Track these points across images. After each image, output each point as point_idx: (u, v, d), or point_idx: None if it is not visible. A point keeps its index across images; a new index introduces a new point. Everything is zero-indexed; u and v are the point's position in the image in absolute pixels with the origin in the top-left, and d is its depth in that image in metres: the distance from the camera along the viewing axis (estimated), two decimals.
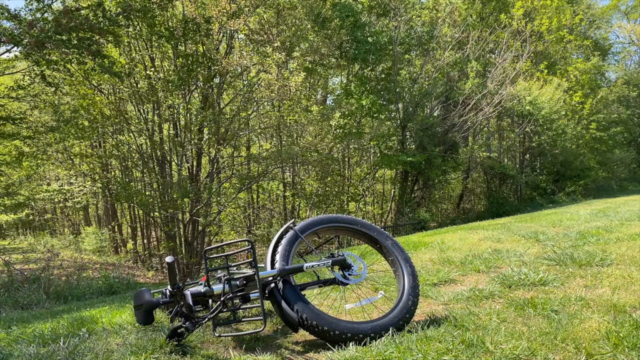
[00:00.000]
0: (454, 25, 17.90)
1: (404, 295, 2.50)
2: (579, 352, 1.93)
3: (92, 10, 9.17)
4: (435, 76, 17.25)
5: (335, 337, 2.21)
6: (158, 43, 11.85)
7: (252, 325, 2.68)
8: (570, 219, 6.87)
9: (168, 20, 11.50)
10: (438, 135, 17.75)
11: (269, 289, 2.36)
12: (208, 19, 11.06)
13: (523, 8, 20.23)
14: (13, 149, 11.83)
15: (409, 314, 2.41)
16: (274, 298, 2.34)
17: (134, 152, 13.73)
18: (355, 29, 15.07)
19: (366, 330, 2.25)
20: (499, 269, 3.65)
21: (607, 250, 4.00)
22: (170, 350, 2.23)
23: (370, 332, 2.24)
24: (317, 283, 2.66)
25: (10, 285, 6.27)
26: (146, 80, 12.17)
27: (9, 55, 10.14)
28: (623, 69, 31.05)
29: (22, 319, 3.69)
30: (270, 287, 2.36)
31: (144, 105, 13.17)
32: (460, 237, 5.53)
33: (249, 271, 2.37)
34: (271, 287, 2.35)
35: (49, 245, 17.29)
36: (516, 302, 2.69)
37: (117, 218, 20.03)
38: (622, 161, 24.02)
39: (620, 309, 2.42)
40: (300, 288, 2.46)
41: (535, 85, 19.01)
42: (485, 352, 1.99)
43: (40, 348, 2.42)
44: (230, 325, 2.62)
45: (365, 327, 2.27)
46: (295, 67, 13.99)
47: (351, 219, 2.85)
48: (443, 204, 22.33)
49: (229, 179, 13.85)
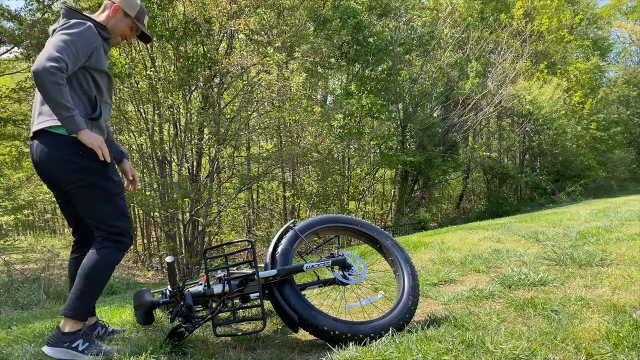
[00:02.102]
0: (454, 25, 17.90)
1: (404, 295, 2.50)
2: (579, 352, 1.93)
3: (92, 11, 9.17)
4: (435, 76, 17.26)
5: (335, 337, 2.21)
6: (158, 43, 11.85)
7: (252, 325, 2.68)
8: (570, 219, 6.87)
9: (168, 20, 11.51)
10: (438, 135, 17.77)
11: (268, 289, 2.36)
12: (208, 19, 11.06)
13: (523, 8, 20.24)
14: (14, 149, 11.83)
15: (409, 314, 2.41)
16: (273, 298, 2.34)
17: (134, 152, 13.74)
18: (357, 31, 15.08)
19: (366, 330, 2.25)
20: (499, 269, 3.65)
21: (607, 250, 4.00)
22: (170, 350, 2.24)
23: (370, 332, 2.24)
24: (317, 283, 2.66)
25: (10, 285, 6.27)
26: (146, 80, 12.17)
27: (9, 55, 10.14)
28: (623, 68, 31.05)
29: (22, 319, 3.69)
30: (270, 287, 2.36)
31: (144, 105, 13.18)
32: (460, 237, 5.54)
33: (249, 271, 2.37)
34: (271, 287, 2.36)
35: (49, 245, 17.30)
36: (516, 302, 2.69)
37: None
38: (622, 161, 23.98)
39: (620, 309, 2.42)
40: (300, 288, 2.46)
41: (535, 84, 19.01)
42: (485, 352, 2.00)
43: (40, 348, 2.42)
44: (230, 325, 2.62)
45: (365, 327, 2.27)
46: (296, 67, 14.00)
47: (351, 219, 2.85)
48: (443, 204, 22.35)
49: (229, 179, 13.86)
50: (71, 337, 2.15)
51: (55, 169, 2.21)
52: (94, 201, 2.24)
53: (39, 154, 2.22)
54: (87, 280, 2.19)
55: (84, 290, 2.19)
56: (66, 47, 2.14)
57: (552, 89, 19.00)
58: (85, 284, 2.19)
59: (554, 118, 19.17)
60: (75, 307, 2.18)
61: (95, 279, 2.20)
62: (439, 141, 17.59)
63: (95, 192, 2.22)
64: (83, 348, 2.14)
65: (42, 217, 22.69)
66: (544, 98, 18.65)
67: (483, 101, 17.25)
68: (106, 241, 2.24)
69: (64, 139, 2.19)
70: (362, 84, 16.66)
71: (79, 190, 2.22)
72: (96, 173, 2.22)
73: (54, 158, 2.20)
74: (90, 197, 2.23)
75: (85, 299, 2.21)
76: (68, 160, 2.18)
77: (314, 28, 13.58)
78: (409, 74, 17.62)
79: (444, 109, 18.40)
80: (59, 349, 2.12)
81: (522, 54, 19.13)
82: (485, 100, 17.27)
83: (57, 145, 2.20)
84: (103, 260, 2.22)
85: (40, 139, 2.23)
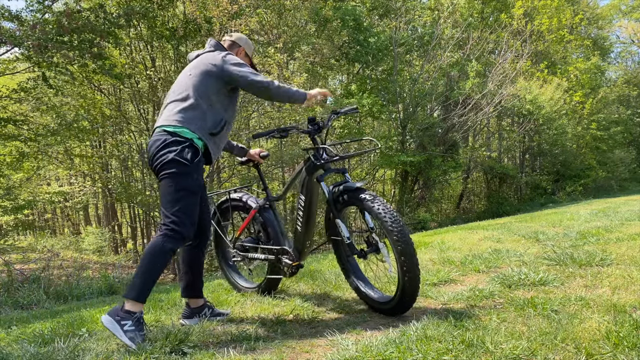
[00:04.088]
0: (454, 25, 17.90)
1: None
2: (579, 352, 1.93)
3: (93, 12, 9.15)
4: (435, 76, 17.25)
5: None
6: (159, 43, 11.85)
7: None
8: (570, 219, 6.87)
9: (169, 20, 11.51)
10: (438, 135, 17.76)
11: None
12: (209, 19, 11.06)
13: (523, 8, 20.24)
14: (14, 149, 11.81)
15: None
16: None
17: (134, 152, 13.74)
18: (357, 32, 15.08)
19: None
20: (499, 269, 3.65)
21: (607, 250, 4.00)
22: (170, 350, 2.24)
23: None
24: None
25: (10, 285, 6.27)
26: (147, 80, 12.17)
27: (9, 55, 10.13)
28: (623, 68, 31.05)
29: (22, 319, 3.69)
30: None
31: (145, 105, 13.18)
32: (460, 237, 5.54)
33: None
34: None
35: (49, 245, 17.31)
36: (516, 302, 2.69)
37: (117, 218, 20.05)
38: (622, 161, 23.98)
39: (620, 309, 2.42)
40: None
41: (536, 84, 19.01)
42: (485, 352, 2.00)
43: (40, 348, 2.42)
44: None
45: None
46: (297, 67, 14.00)
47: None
48: (443, 204, 22.33)
49: (229, 179, 13.86)
50: (124, 315, 2.34)
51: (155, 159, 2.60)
52: (171, 193, 2.53)
53: (150, 146, 2.63)
54: (144, 264, 2.44)
55: (139, 272, 2.43)
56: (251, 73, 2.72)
57: (552, 89, 19.00)
58: (141, 266, 2.44)
59: (554, 118, 19.17)
60: (130, 286, 2.42)
61: (149, 263, 2.43)
62: (439, 141, 17.58)
63: (174, 186, 2.52)
64: (128, 329, 2.30)
65: (42, 217, 22.69)
66: (544, 98, 18.65)
67: (483, 101, 17.24)
68: (165, 229, 2.49)
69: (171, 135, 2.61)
70: (362, 83, 16.65)
71: (162, 180, 2.56)
72: (185, 170, 2.54)
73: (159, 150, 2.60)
74: (169, 188, 2.53)
75: (140, 280, 2.41)
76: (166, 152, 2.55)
77: (314, 28, 13.58)
78: (409, 74, 17.62)
79: (444, 109, 18.39)
80: (111, 319, 2.32)
81: (522, 53, 19.13)
82: (485, 100, 17.25)
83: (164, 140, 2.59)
84: (157, 247, 2.45)
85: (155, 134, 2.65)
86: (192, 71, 2.73)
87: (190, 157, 2.54)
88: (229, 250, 3.52)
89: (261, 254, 3.25)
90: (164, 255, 2.45)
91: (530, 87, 18.66)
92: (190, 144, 2.57)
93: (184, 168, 2.53)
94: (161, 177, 2.56)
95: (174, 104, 2.67)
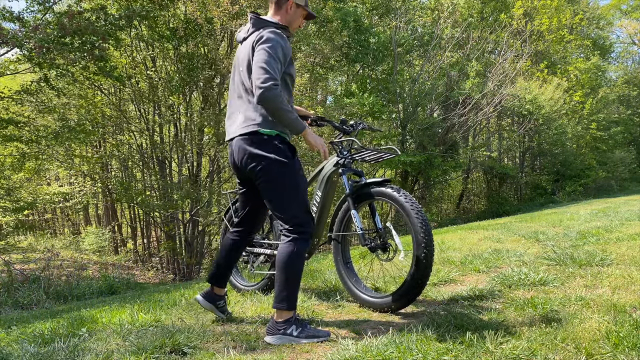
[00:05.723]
0: (454, 25, 17.90)
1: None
2: (579, 352, 1.93)
3: (94, 13, 9.13)
4: (435, 76, 17.24)
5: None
6: (159, 43, 11.85)
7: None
8: (570, 219, 6.87)
9: (169, 20, 11.50)
10: (438, 135, 17.75)
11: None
12: (210, 19, 11.06)
13: (523, 8, 20.23)
14: (15, 150, 11.80)
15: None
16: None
17: (134, 152, 13.74)
18: (358, 33, 15.06)
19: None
20: (499, 269, 3.65)
21: (607, 250, 4.00)
22: (170, 350, 2.24)
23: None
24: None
25: (10, 285, 6.26)
26: (147, 80, 12.17)
27: (10, 56, 10.11)
28: (623, 68, 31.03)
29: (22, 319, 3.70)
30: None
31: (145, 105, 13.18)
32: (460, 237, 5.54)
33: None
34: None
35: (49, 245, 17.30)
36: (516, 302, 2.69)
37: (117, 218, 20.02)
38: (622, 161, 23.96)
39: (620, 309, 2.42)
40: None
41: (536, 84, 19.00)
42: (485, 352, 2.00)
43: (40, 348, 2.42)
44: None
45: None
46: (298, 68, 13.99)
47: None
48: (443, 203, 22.33)
49: (230, 179, 13.87)
50: (284, 325, 2.39)
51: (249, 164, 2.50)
52: (281, 194, 2.49)
53: (237, 151, 2.53)
54: (283, 272, 2.43)
55: (283, 281, 2.43)
56: (272, 61, 2.37)
57: (552, 89, 18.99)
58: (283, 275, 2.43)
59: (554, 118, 19.15)
60: (281, 298, 2.43)
61: (290, 269, 2.43)
62: (439, 141, 17.56)
63: (282, 186, 2.48)
64: (297, 333, 2.37)
65: (42, 217, 22.67)
66: (544, 98, 18.64)
67: (483, 101, 17.24)
68: (291, 233, 2.47)
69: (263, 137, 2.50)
70: (362, 83, 16.64)
71: (265, 184, 2.48)
72: (288, 168, 2.48)
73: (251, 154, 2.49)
74: (277, 190, 2.48)
75: (287, 288, 2.43)
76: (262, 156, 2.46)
77: (315, 29, 13.57)
78: (409, 74, 17.61)
79: (444, 109, 18.37)
80: (276, 336, 2.38)
81: (522, 53, 19.12)
82: (485, 100, 17.25)
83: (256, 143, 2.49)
84: (292, 254, 2.44)
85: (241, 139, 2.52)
86: (241, 65, 2.54)
87: (287, 153, 2.48)
88: None
89: (267, 249, 3.29)
90: (301, 258, 2.47)
91: (530, 87, 18.65)
92: (280, 140, 2.49)
93: (285, 166, 2.47)
94: (263, 181, 2.48)
95: (240, 108, 2.55)
